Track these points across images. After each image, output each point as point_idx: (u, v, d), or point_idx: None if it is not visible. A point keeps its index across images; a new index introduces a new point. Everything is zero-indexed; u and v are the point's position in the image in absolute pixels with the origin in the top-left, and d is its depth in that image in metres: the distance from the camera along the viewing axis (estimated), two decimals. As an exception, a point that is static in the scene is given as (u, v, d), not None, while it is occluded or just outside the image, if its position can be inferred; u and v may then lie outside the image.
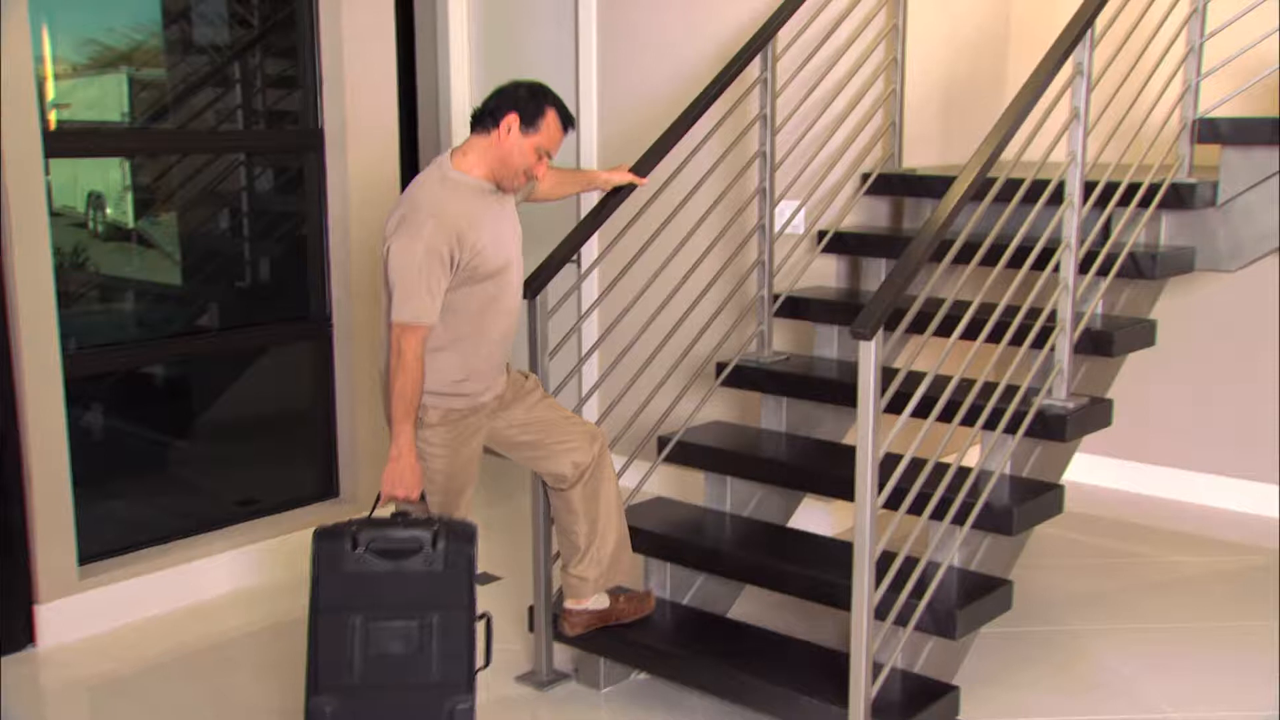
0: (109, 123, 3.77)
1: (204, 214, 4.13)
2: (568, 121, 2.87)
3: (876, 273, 4.03)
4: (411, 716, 2.67)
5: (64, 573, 3.55)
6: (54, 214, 3.49)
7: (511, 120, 2.79)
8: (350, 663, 2.67)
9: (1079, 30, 3.09)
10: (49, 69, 3.52)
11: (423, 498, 2.91)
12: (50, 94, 3.55)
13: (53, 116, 3.56)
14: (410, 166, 5.38)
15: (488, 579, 4.00)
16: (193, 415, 4.09)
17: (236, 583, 3.93)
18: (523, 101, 2.81)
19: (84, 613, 3.58)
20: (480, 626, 2.74)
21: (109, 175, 3.85)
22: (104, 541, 3.72)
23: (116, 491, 3.83)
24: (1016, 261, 3.15)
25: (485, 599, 3.82)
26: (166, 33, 3.84)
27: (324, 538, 2.71)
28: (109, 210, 3.84)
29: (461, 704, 2.66)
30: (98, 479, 3.72)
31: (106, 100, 3.74)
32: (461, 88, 5.22)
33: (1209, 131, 3.53)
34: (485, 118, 2.83)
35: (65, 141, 3.57)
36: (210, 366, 4.05)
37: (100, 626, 3.62)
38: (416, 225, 2.71)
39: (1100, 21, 3.19)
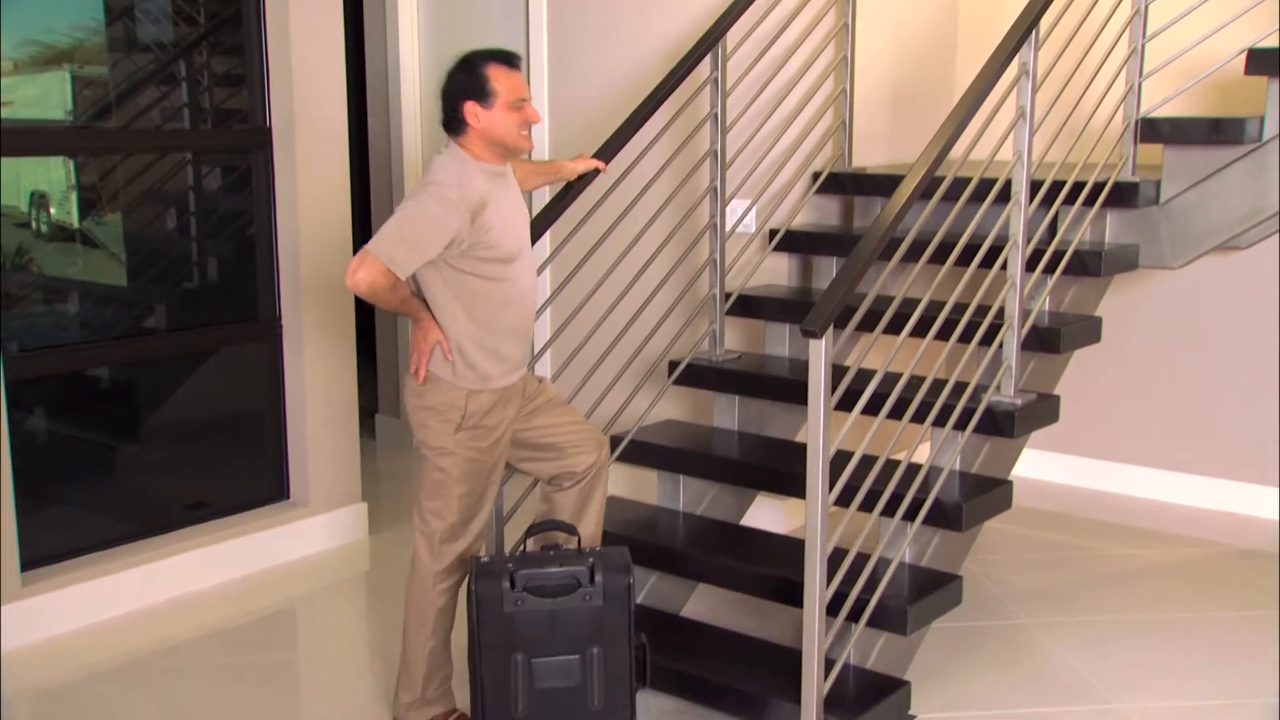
0: (52, 121, 3.71)
1: (150, 213, 4.06)
2: (509, 60, 2.82)
3: (828, 271, 4.05)
4: None
5: (6, 579, 3.48)
6: (-5, 214, 3.43)
7: (470, 108, 2.77)
8: (514, 698, 2.74)
9: (1024, 31, 3.13)
10: (-12, 66, 3.46)
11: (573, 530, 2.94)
12: (-11, 91, 3.49)
13: (-7, 114, 3.49)
14: (360, 165, 5.34)
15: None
16: (139, 418, 4.03)
17: (185, 587, 3.88)
18: (464, 83, 2.78)
19: (27, 620, 3.52)
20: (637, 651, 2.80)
21: (53, 174, 3.78)
22: (48, 547, 3.66)
23: (61, 496, 3.77)
24: (965, 259, 3.18)
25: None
26: (109, 30, 3.78)
27: (481, 577, 2.71)
28: (53, 210, 3.78)
29: None
30: (41, 484, 3.65)
31: (49, 98, 3.68)
32: (411, 85, 5.18)
33: (1150, 131, 3.58)
34: (452, 123, 2.81)
35: (7, 140, 3.50)
36: (157, 369, 4.00)
37: (44, 633, 3.56)
38: (440, 191, 2.69)
39: (1044, 22, 3.22)
